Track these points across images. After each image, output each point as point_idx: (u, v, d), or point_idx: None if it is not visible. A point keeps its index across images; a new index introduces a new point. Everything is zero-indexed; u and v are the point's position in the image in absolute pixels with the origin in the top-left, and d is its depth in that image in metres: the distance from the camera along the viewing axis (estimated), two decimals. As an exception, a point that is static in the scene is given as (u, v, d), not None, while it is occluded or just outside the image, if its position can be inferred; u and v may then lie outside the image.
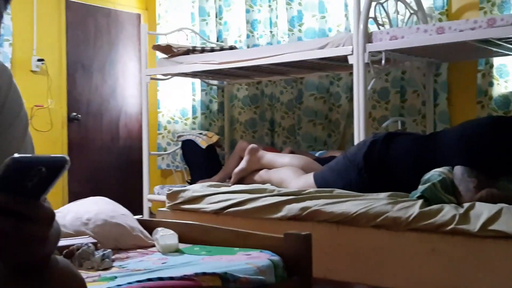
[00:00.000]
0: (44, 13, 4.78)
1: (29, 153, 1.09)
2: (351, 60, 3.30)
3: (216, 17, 5.02)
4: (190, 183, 4.19)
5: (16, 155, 0.72)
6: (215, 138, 4.47)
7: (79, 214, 2.41)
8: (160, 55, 4.64)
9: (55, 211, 0.91)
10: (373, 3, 3.45)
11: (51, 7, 4.89)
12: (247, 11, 4.75)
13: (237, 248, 2.23)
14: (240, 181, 3.66)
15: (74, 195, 4.57)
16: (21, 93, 1.09)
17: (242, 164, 3.65)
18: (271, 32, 4.67)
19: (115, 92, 5.39)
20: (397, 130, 3.76)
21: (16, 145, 1.06)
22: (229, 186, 3.41)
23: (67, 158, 0.76)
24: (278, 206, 2.83)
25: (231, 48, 4.45)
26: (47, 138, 4.70)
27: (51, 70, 4.84)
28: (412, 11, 3.85)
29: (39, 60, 4.73)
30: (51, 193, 0.83)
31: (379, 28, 3.52)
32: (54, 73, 4.88)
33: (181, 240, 2.36)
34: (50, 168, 0.75)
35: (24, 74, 4.54)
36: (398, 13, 3.83)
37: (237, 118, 4.97)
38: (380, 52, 3.26)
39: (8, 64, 4.18)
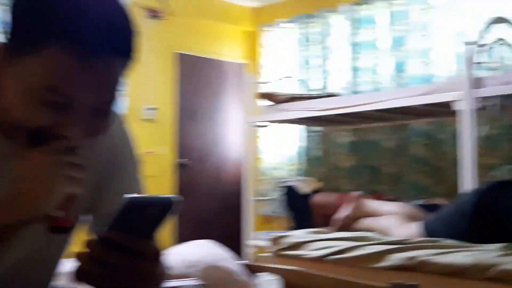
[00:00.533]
0: (155, 65, 5.06)
1: (141, 194, 1.15)
2: (458, 106, 3.21)
3: (319, 65, 5.08)
4: (292, 229, 4.18)
5: (130, 195, 0.77)
6: (317, 184, 4.46)
7: (186, 257, 2.48)
8: (263, 102, 4.74)
9: (164, 251, 0.96)
10: (481, 48, 3.35)
11: (163, 60, 5.17)
12: (351, 59, 4.77)
13: (341, 297, 2.19)
14: (343, 228, 3.60)
15: (181, 238, 4.70)
16: (133, 138, 1.17)
17: (345, 211, 3.61)
18: (374, 79, 4.65)
19: (220, 139, 5.56)
20: (509, 179, 3.58)
21: (130, 187, 1.12)
22: (332, 233, 3.37)
23: (178, 198, 0.80)
24: (382, 255, 2.75)
25: (334, 95, 4.47)
26: (157, 183, 4.90)
27: (162, 118, 5.09)
28: (523, 55, 3.70)
29: (151, 109, 4.99)
30: (160, 235, 0.87)
31: (487, 74, 3.41)
32: (165, 121, 5.13)
33: (283, 286, 2.35)
34: (162, 207, 0.80)
35: (137, 122, 4.80)
36: (507, 58, 3.69)
37: (339, 164, 4.94)
38: (489, 98, 3.15)
39: (122, 113, 4.43)
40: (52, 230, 0.87)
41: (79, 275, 0.83)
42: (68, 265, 0.85)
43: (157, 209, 0.79)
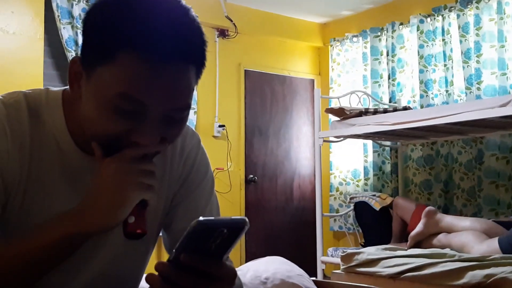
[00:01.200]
0: (225, 83, 5.15)
1: (214, 210, 1.17)
2: (538, 117, 3.09)
3: (389, 78, 5.02)
4: (364, 246, 4.13)
5: (201, 218, 0.78)
6: (388, 200, 4.39)
7: (258, 273, 2.49)
8: (332, 117, 4.72)
9: (236, 268, 0.96)
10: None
11: (232, 77, 5.26)
12: (421, 71, 4.69)
13: (417, 315, 2.14)
14: (416, 245, 3.53)
15: (250, 254, 4.73)
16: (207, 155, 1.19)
17: (419, 227, 3.53)
18: (446, 91, 4.55)
19: (289, 155, 5.57)
20: None
21: (204, 203, 1.15)
22: (405, 249, 3.31)
23: (247, 220, 0.81)
24: (459, 272, 2.67)
25: (405, 108, 4.40)
26: (227, 199, 4.96)
27: (231, 135, 5.16)
28: None
29: (220, 126, 5.08)
30: (231, 252, 0.88)
31: None
32: (234, 137, 5.20)
33: (357, 304, 2.32)
34: (231, 230, 0.80)
35: (207, 139, 4.89)
36: None
37: (411, 179, 4.84)
38: None
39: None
40: (126, 235, 0.90)
41: None
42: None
43: (227, 232, 0.80)
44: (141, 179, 0.90)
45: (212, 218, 0.81)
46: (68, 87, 1.00)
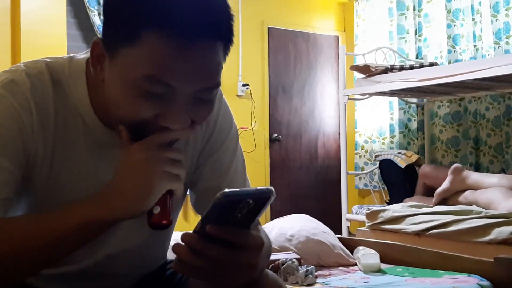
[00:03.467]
0: (248, 41, 5.10)
1: (240, 167, 1.15)
2: None
3: (416, 34, 4.92)
4: (389, 203, 4.12)
5: (226, 190, 0.77)
6: (414, 157, 4.35)
7: (283, 230, 2.52)
8: (358, 75, 4.66)
9: (261, 226, 0.96)
10: None
11: (255, 35, 5.20)
12: (449, 26, 4.58)
13: (443, 271, 2.14)
14: (442, 202, 3.51)
15: (276, 212, 4.76)
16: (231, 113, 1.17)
17: (446, 184, 3.51)
18: (474, 46, 4.44)
19: (313, 113, 5.54)
20: None
21: (229, 161, 1.13)
22: (431, 206, 3.30)
23: (273, 190, 0.80)
24: (486, 229, 2.66)
25: (432, 64, 4.31)
26: (251, 158, 4.97)
27: (255, 94, 5.14)
28: None
29: (244, 85, 5.06)
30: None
31: None
32: (258, 96, 5.17)
33: (382, 261, 2.34)
34: (257, 200, 0.80)
35: (231, 98, 4.88)
36: None
37: (438, 136, 4.79)
38: None
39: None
40: (150, 226, 0.88)
41: (178, 266, 0.83)
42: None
43: (252, 202, 0.79)
44: (169, 169, 0.87)
45: (238, 189, 0.80)
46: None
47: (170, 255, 1.04)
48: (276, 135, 5.31)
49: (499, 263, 1.98)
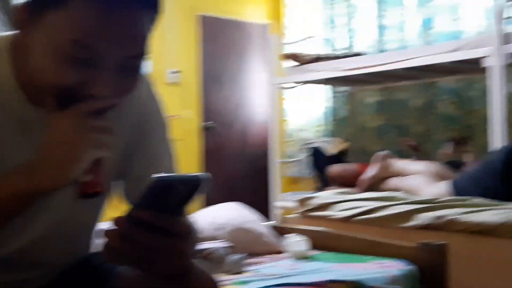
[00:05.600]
0: (179, 28, 5.03)
1: (171, 156, 1.14)
2: (487, 62, 3.13)
3: (345, 23, 5.00)
4: (319, 190, 4.19)
5: (158, 175, 0.76)
6: (343, 145, 4.44)
7: (214, 219, 2.50)
8: (288, 63, 4.70)
9: (191, 215, 0.95)
10: (511, 3, 3.25)
11: (186, 22, 5.13)
12: (377, 16, 4.68)
13: (369, 257, 2.19)
14: (369, 188, 3.60)
15: (208, 201, 4.74)
16: (161, 101, 1.15)
17: (372, 171, 3.59)
18: (401, 36, 4.56)
19: (245, 102, 5.54)
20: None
21: (158, 149, 1.12)
22: (359, 193, 3.37)
23: (207, 176, 0.80)
24: (410, 214, 2.74)
25: (360, 54, 4.40)
26: (183, 146, 4.91)
27: (186, 82, 5.08)
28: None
29: (174, 72, 4.99)
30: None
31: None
32: (189, 84, 5.12)
33: (311, 247, 2.36)
34: (190, 186, 0.79)
35: (161, 86, 4.80)
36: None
37: (366, 125, 4.90)
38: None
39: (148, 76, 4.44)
40: (81, 195, 0.87)
41: (108, 252, 0.82)
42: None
43: (185, 188, 0.79)
44: (96, 136, 0.86)
45: (172, 175, 0.80)
46: (14, 32, 0.94)
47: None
48: (207, 123, 5.28)
49: (422, 248, 2.04)
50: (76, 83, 0.85)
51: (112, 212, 0.87)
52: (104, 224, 0.91)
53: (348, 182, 3.92)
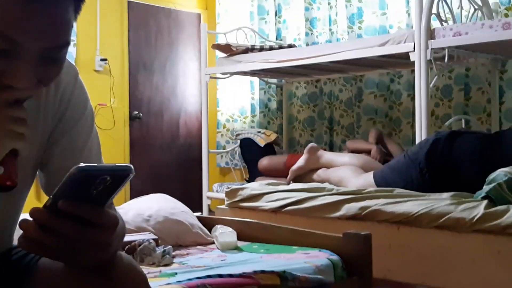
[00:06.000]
0: (106, 14, 4.90)
1: (94, 148, 1.11)
2: (413, 57, 3.23)
3: (275, 15, 5.02)
4: (248, 181, 4.21)
5: (81, 164, 0.74)
6: (273, 136, 4.47)
7: (140, 211, 2.46)
8: (219, 54, 4.68)
9: (117, 207, 0.93)
10: (436, -1, 3.36)
11: (114, 8, 5.01)
12: (306, 9, 4.73)
13: (296, 247, 2.22)
14: (297, 179, 3.64)
15: (136, 192, 4.66)
16: (86, 90, 1.12)
17: (300, 162, 3.64)
18: (330, 30, 4.63)
19: (175, 91, 5.48)
20: (461, 129, 3.66)
21: (83, 141, 1.09)
22: (287, 184, 3.41)
23: (132, 167, 0.77)
24: (337, 205, 2.80)
25: (290, 46, 4.44)
26: (110, 136, 4.82)
27: (114, 70, 4.97)
28: (476, 7, 3.72)
29: (102, 60, 4.86)
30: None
31: (442, 24, 3.43)
32: (117, 72, 5.01)
33: (239, 238, 2.37)
34: (114, 177, 0.77)
35: (88, 73, 4.67)
36: (462, 8, 3.72)
37: (295, 116, 4.96)
38: (443, 48, 3.18)
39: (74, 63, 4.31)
40: None
41: (25, 243, 0.79)
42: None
43: (110, 179, 0.76)
44: (11, 127, 0.83)
45: (94, 164, 0.77)
46: None
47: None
48: (136, 112, 5.18)
49: (347, 238, 2.09)
50: None
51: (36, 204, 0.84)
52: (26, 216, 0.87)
53: (276, 173, 3.96)
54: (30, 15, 0.80)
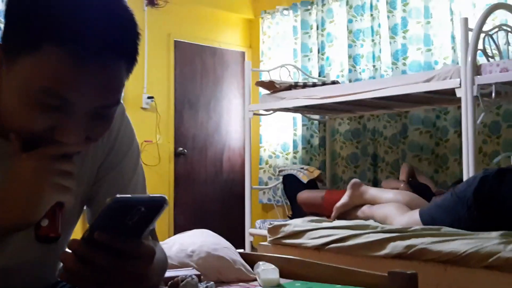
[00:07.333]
0: (154, 53, 5.03)
1: (140, 183, 1.13)
2: (459, 93, 3.18)
3: (318, 52, 5.05)
4: (291, 218, 4.17)
5: (117, 195, 0.75)
6: (316, 172, 4.44)
7: (183, 246, 2.47)
8: (263, 91, 4.72)
9: (161, 242, 0.93)
10: (482, 35, 3.32)
11: (161, 47, 5.14)
12: (350, 46, 4.74)
13: (339, 286, 2.18)
14: (341, 216, 3.60)
15: (179, 227, 4.70)
16: (133, 127, 1.14)
17: (344, 198, 3.60)
18: (374, 66, 4.62)
19: (219, 128, 5.54)
20: (510, 166, 3.56)
21: (129, 176, 1.11)
22: (330, 221, 3.37)
23: (166, 198, 0.78)
24: (382, 243, 2.74)
25: (333, 82, 4.44)
26: (155, 172, 4.88)
27: (160, 107, 5.07)
28: (524, 42, 3.66)
29: (149, 97, 4.97)
30: (157, 225, 0.84)
31: (488, 60, 3.38)
32: (163, 110, 5.11)
33: (282, 275, 2.34)
34: (149, 208, 0.78)
35: (135, 111, 4.78)
36: (509, 44, 3.66)
37: (338, 152, 4.92)
38: (490, 85, 3.12)
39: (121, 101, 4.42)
40: (37, 239, 0.84)
41: (65, 276, 0.80)
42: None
43: (145, 210, 0.77)
44: (58, 180, 0.84)
45: (129, 195, 0.78)
46: None
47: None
48: (181, 148, 5.25)
49: (393, 277, 2.03)
50: (44, 128, 0.84)
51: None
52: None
53: (314, 208, 3.91)
54: (83, 76, 0.81)
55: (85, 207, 1.14)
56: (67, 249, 0.80)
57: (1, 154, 0.92)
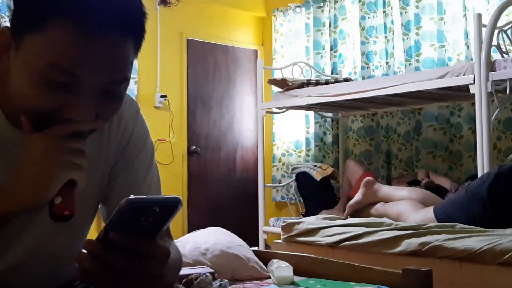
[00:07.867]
0: (167, 52, 5.05)
1: (154, 182, 1.13)
2: (473, 89, 3.16)
3: (331, 50, 5.04)
4: (305, 215, 4.17)
5: (131, 196, 0.75)
6: (329, 170, 4.44)
7: (197, 244, 2.47)
8: (275, 89, 4.71)
9: (175, 240, 0.94)
10: (496, 31, 3.29)
11: (174, 46, 5.16)
12: (362, 43, 4.72)
13: (353, 283, 2.17)
14: (354, 213, 3.59)
15: (192, 226, 4.71)
16: (147, 126, 1.15)
17: (358, 196, 3.59)
18: (387, 63, 4.60)
19: (232, 126, 5.54)
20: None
21: (143, 175, 1.11)
22: (344, 218, 3.36)
23: (180, 198, 0.79)
24: (396, 240, 2.73)
25: (346, 80, 4.43)
26: (169, 170, 4.90)
27: (173, 106, 5.09)
28: (539, 37, 3.63)
29: (162, 96, 4.99)
30: (171, 224, 0.85)
31: (502, 56, 3.35)
32: (176, 108, 5.12)
33: (296, 273, 2.34)
34: (163, 209, 0.78)
35: (148, 110, 4.80)
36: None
37: (351, 150, 4.91)
38: (504, 81, 3.10)
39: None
40: (52, 217, 0.85)
41: (80, 275, 0.81)
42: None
43: (159, 211, 0.78)
44: (69, 158, 0.85)
45: (143, 196, 0.78)
46: None
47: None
48: (194, 147, 5.27)
49: (407, 275, 2.02)
50: (53, 106, 0.85)
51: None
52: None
53: (351, 178, 3.98)
54: (90, 50, 0.82)
55: (100, 205, 1.14)
56: (82, 250, 0.81)
57: (14, 142, 0.93)
